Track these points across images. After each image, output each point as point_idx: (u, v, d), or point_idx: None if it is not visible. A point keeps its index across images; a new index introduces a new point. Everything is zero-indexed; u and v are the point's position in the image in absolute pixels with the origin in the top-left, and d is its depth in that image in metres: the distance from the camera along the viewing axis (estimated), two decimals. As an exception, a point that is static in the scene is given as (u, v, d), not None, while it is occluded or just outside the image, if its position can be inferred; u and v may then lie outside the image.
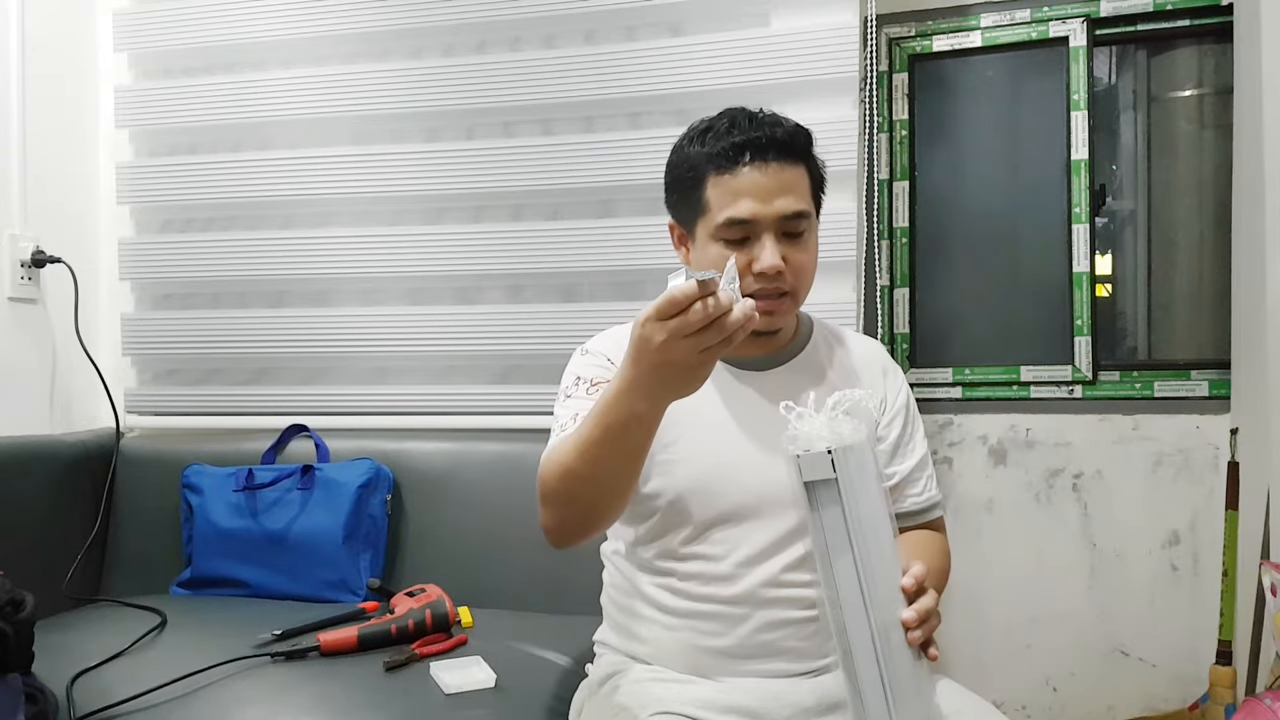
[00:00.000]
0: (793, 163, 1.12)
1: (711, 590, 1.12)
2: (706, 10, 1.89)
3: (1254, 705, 1.51)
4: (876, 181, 2.23)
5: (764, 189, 1.09)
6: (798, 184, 1.12)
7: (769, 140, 1.10)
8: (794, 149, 1.12)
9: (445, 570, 1.72)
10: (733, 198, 1.10)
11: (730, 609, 1.11)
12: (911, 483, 1.21)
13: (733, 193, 1.10)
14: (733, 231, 1.10)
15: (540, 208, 1.97)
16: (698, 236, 1.15)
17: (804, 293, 1.17)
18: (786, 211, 1.10)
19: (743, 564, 1.12)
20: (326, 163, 2.03)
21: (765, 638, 1.11)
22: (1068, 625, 2.14)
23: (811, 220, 1.15)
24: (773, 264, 1.09)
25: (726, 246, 1.11)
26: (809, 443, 0.93)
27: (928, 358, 2.30)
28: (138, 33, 2.13)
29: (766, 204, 1.09)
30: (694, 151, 1.14)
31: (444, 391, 1.99)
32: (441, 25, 1.98)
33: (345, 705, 1.24)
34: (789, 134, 1.12)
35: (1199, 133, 2.23)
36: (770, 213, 1.10)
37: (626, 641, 1.21)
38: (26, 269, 1.96)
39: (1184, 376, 2.13)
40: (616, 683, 1.17)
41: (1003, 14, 2.21)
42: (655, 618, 1.16)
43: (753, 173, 1.10)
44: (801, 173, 1.13)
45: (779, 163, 1.10)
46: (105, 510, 1.94)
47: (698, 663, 1.13)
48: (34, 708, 1.18)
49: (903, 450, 1.22)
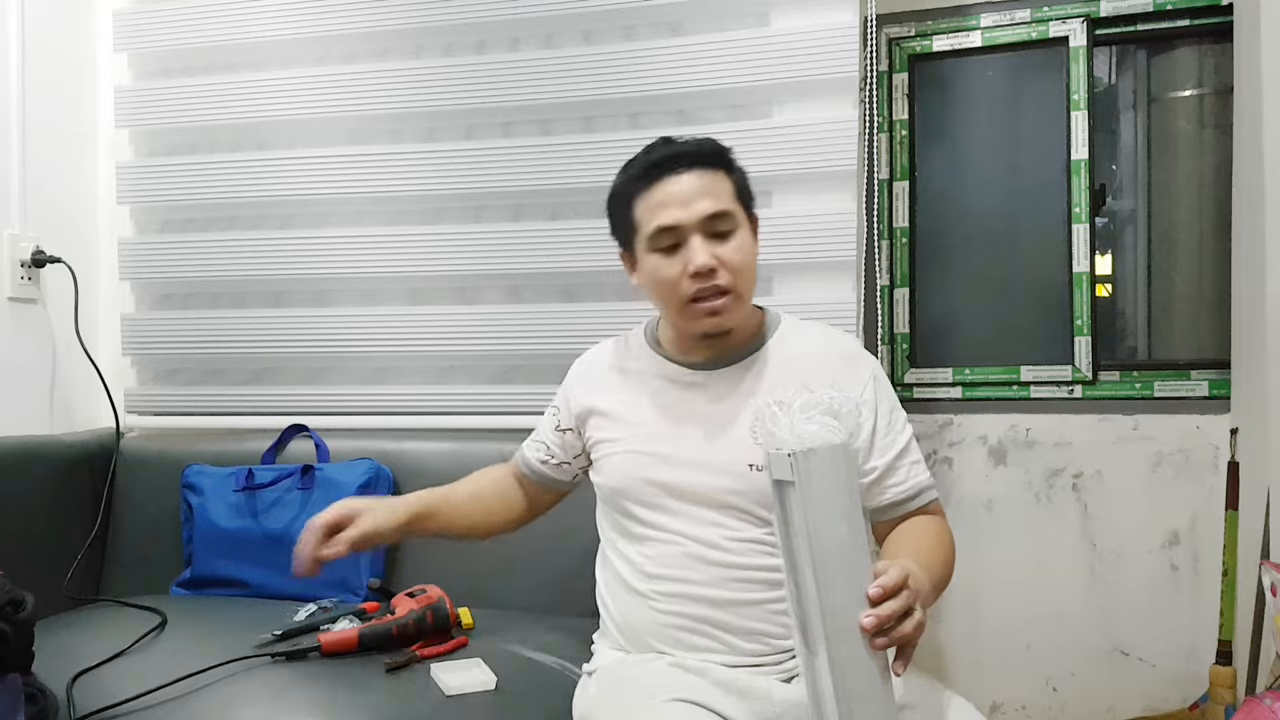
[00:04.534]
0: (708, 169, 1.20)
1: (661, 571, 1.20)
2: (706, 10, 1.89)
3: (1254, 705, 1.51)
4: (876, 181, 2.23)
5: (682, 196, 1.18)
6: (715, 188, 1.20)
7: (679, 154, 1.21)
8: (706, 158, 1.21)
9: (445, 570, 1.71)
10: (656, 209, 1.20)
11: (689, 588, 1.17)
12: (891, 473, 1.21)
13: (656, 205, 1.20)
14: (663, 239, 1.19)
15: (540, 208, 1.97)
16: (638, 254, 1.24)
17: (747, 290, 1.23)
18: (708, 212, 1.18)
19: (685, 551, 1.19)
20: (326, 163, 2.03)
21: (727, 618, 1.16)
22: (1068, 625, 2.14)
23: (738, 220, 1.21)
24: (704, 262, 1.16)
25: (661, 255, 1.20)
26: (778, 441, 0.93)
27: (927, 358, 2.30)
28: (138, 33, 2.13)
29: (687, 208, 1.18)
30: (620, 181, 1.26)
31: (444, 391, 1.99)
32: (441, 25, 1.98)
33: (345, 706, 1.24)
34: (697, 145, 1.22)
35: (1199, 133, 2.23)
36: (692, 215, 1.18)
37: (615, 633, 1.25)
38: (26, 269, 1.96)
39: (1184, 376, 2.13)
40: (610, 675, 1.20)
41: (1003, 14, 2.21)
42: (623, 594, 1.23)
43: (670, 184, 1.19)
44: (719, 178, 1.21)
45: (693, 171, 1.19)
46: (105, 510, 1.94)
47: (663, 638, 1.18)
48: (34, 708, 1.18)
49: (879, 444, 1.22)
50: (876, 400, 1.24)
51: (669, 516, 1.21)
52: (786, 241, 1.79)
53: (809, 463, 0.90)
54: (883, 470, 1.21)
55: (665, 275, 1.19)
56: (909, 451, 1.24)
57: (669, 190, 1.19)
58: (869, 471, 1.21)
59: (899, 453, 1.22)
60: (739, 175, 1.25)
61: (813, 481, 0.90)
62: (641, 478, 1.23)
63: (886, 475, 1.21)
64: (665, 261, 1.19)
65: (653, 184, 1.20)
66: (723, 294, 1.18)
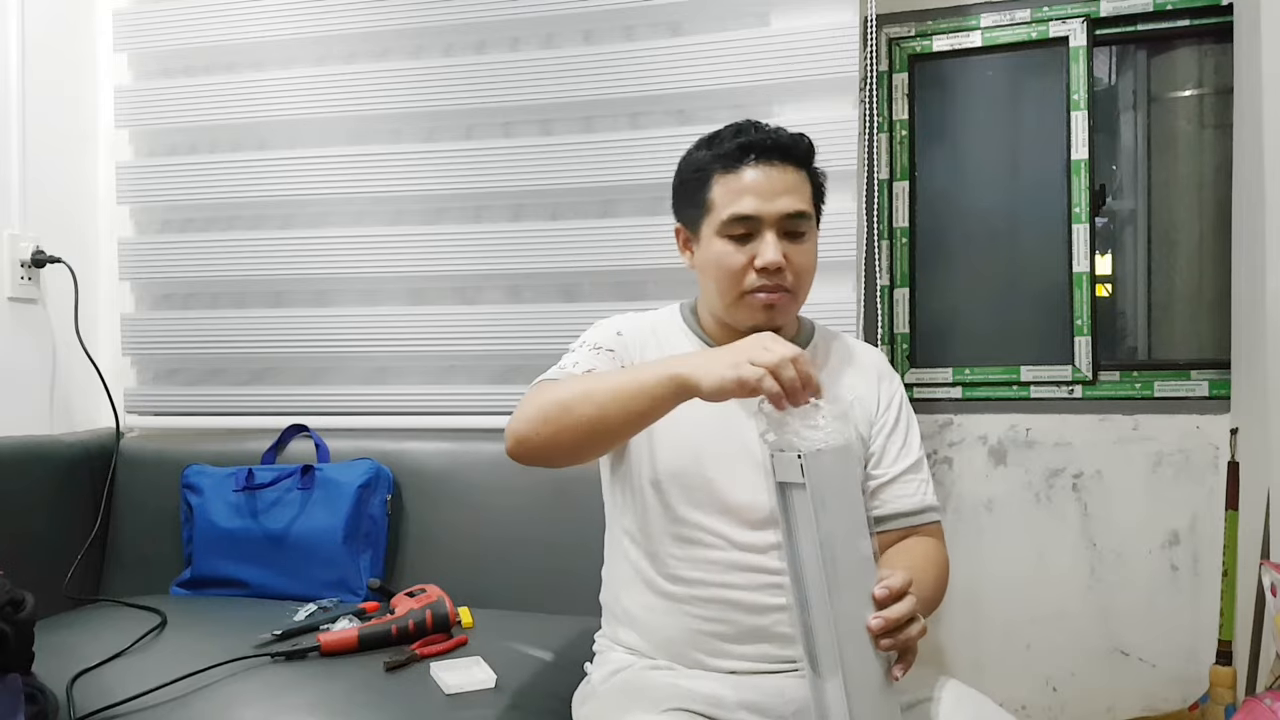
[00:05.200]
0: (795, 167, 1.17)
1: (700, 575, 1.15)
2: (706, 10, 1.89)
3: (1254, 705, 1.51)
4: (876, 181, 2.23)
5: (767, 188, 1.15)
6: (799, 187, 1.17)
7: (773, 144, 1.16)
8: (796, 154, 1.18)
9: (445, 570, 1.72)
10: (737, 195, 1.15)
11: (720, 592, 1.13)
12: (901, 483, 1.21)
13: (737, 191, 1.15)
14: (736, 227, 1.15)
15: (540, 208, 1.97)
16: (702, 235, 1.20)
17: (804, 293, 1.21)
18: (789, 210, 1.15)
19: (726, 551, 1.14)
20: (326, 163, 2.03)
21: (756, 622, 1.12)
22: (1068, 625, 2.14)
23: (812, 223, 1.20)
24: (774, 259, 1.13)
25: (730, 243, 1.16)
26: (784, 443, 0.92)
27: (928, 358, 2.30)
28: (138, 33, 2.13)
29: (769, 202, 1.14)
30: (701, 155, 1.20)
31: (444, 391, 1.99)
32: (441, 25, 1.98)
33: (345, 705, 1.24)
34: (792, 139, 1.18)
35: (1199, 133, 2.23)
36: (773, 210, 1.14)
37: (627, 635, 1.22)
38: (26, 269, 1.96)
39: (1184, 376, 2.13)
40: (620, 680, 1.18)
41: (1003, 14, 2.21)
42: (653, 605, 1.18)
43: (756, 172, 1.15)
44: (803, 178, 1.18)
45: (782, 165, 1.16)
46: (105, 510, 1.94)
47: (697, 649, 1.14)
48: (34, 708, 1.19)
49: (894, 454, 1.22)
50: (899, 413, 1.24)
51: (713, 518, 1.15)
52: (786, 241, 1.79)
53: (818, 464, 0.89)
54: (892, 479, 1.21)
55: (730, 263, 1.15)
56: (920, 469, 1.23)
57: (754, 178, 1.15)
58: (878, 476, 1.20)
59: (911, 465, 1.22)
60: (820, 178, 1.22)
61: (822, 483, 0.89)
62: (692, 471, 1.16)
63: (894, 484, 1.21)
64: (733, 250, 1.15)
65: (740, 167, 1.15)
66: (784, 292, 1.16)
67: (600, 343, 1.24)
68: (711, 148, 1.19)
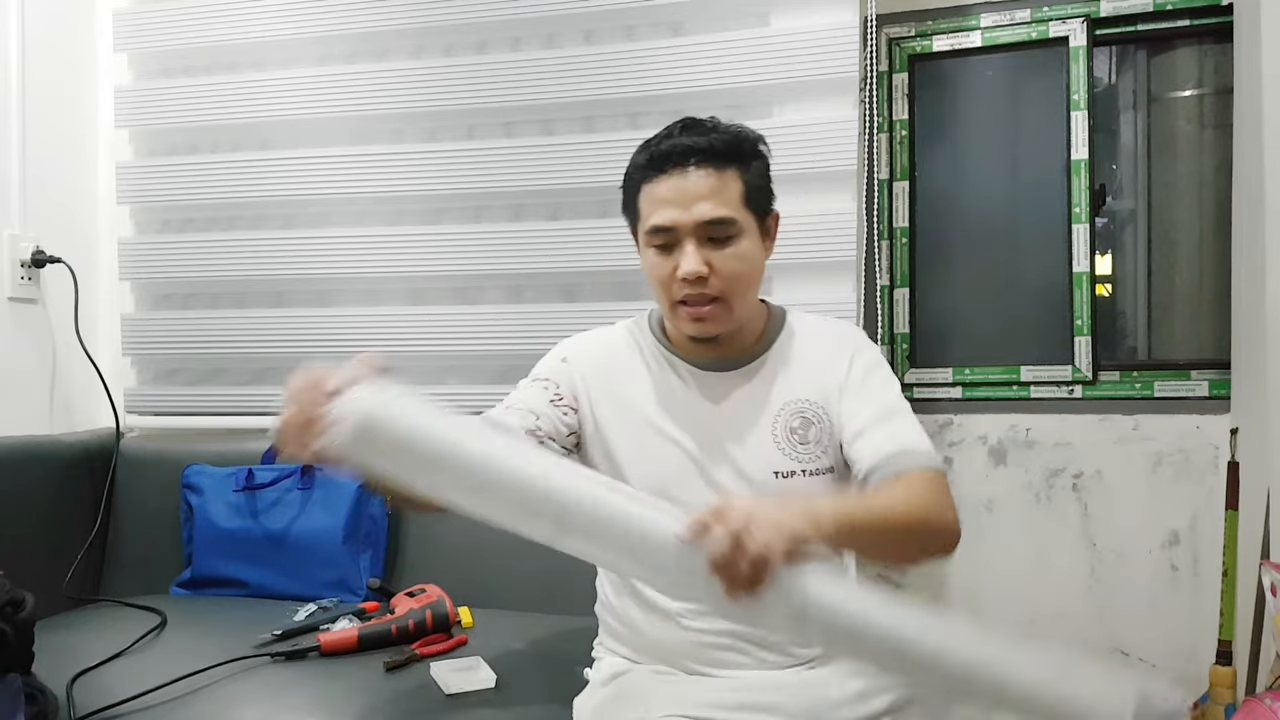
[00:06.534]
0: (719, 168, 1.12)
1: None
2: (706, 10, 1.89)
3: (1254, 705, 1.51)
4: (876, 181, 2.23)
5: (684, 196, 1.11)
6: (722, 190, 1.12)
7: (691, 148, 1.12)
8: (718, 155, 1.12)
9: (445, 570, 1.72)
10: (656, 205, 1.13)
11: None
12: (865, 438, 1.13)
13: (657, 200, 1.13)
14: (658, 238, 1.14)
15: (540, 208, 1.97)
16: (639, 243, 1.19)
17: (739, 299, 1.15)
18: (706, 218, 1.11)
19: None
20: (327, 163, 2.03)
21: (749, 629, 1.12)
22: (1068, 625, 2.13)
23: (741, 226, 1.13)
24: (692, 269, 1.11)
25: (657, 253, 1.15)
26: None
27: (928, 358, 2.30)
28: (138, 33, 2.13)
29: (685, 210, 1.11)
30: (635, 160, 1.18)
31: (444, 391, 1.99)
32: (442, 25, 1.98)
33: (345, 705, 1.24)
34: (715, 140, 1.13)
35: (1199, 133, 2.23)
36: (689, 219, 1.11)
37: (622, 646, 1.22)
38: (26, 269, 1.96)
39: (1184, 376, 2.13)
40: (620, 684, 1.18)
41: (1003, 14, 2.21)
42: (646, 616, 1.18)
43: (674, 180, 1.12)
44: (729, 178, 1.13)
45: (702, 169, 1.11)
46: (105, 510, 1.94)
47: (691, 658, 1.14)
48: (34, 708, 1.19)
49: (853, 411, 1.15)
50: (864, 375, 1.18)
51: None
52: (786, 242, 1.73)
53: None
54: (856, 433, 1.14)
55: (658, 274, 1.15)
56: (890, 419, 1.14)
57: (671, 186, 1.12)
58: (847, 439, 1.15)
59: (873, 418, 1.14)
60: (755, 174, 1.15)
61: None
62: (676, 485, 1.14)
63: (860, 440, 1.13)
64: (660, 259, 1.14)
65: (658, 176, 1.13)
66: (711, 301, 1.13)
67: (539, 372, 1.25)
68: (638, 156, 1.17)
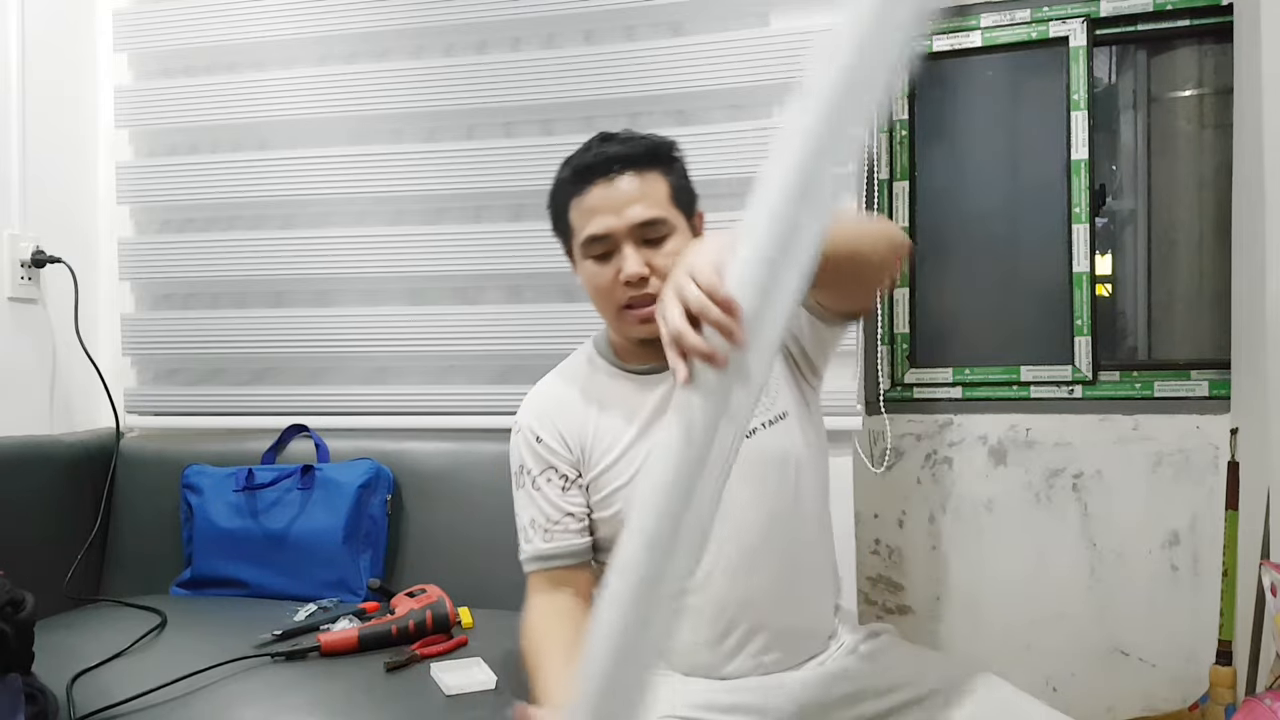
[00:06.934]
0: (643, 173, 1.15)
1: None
2: (707, 10, 1.89)
3: (1254, 705, 1.51)
4: (876, 181, 2.23)
5: (614, 202, 1.14)
6: (651, 192, 1.15)
7: (614, 156, 1.15)
8: (640, 160, 1.16)
9: (445, 570, 1.72)
10: (589, 216, 1.16)
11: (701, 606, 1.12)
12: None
13: (588, 212, 1.16)
14: (595, 248, 1.16)
15: (541, 208, 1.91)
16: (575, 258, 1.21)
17: None
18: (639, 219, 1.14)
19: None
20: (326, 163, 2.03)
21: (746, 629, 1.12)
22: (1067, 625, 2.14)
23: (674, 224, 1.16)
24: (634, 271, 1.12)
25: (595, 263, 1.16)
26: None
27: (928, 358, 2.30)
28: (138, 33, 2.13)
29: (618, 215, 1.14)
30: (558, 179, 1.22)
31: (444, 391, 1.99)
32: (442, 25, 1.98)
33: (345, 705, 1.24)
34: (634, 148, 1.16)
35: (1199, 133, 2.23)
36: (623, 223, 1.14)
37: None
38: (26, 269, 1.96)
39: (1184, 376, 2.13)
40: None
41: (1003, 14, 2.21)
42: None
43: (601, 189, 1.15)
44: (655, 180, 1.16)
45: (627, 174, 1.15)
46: (105, 510, 1.94)
47: (693, 660, 1.14)
48: (34, 708, 1.19)
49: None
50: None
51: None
52: (787, 241, 1.79)
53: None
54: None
55: (598, 283, 1.16)
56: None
57: (599, 196, 1.15)
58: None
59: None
60: (677, 175, 1.19)
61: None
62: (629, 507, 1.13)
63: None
64: (599, 269, 1.16)
65: (585, 188, 1.16)
66: (654, 300, 1.10)
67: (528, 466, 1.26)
68: (564, 171, 1.20)
